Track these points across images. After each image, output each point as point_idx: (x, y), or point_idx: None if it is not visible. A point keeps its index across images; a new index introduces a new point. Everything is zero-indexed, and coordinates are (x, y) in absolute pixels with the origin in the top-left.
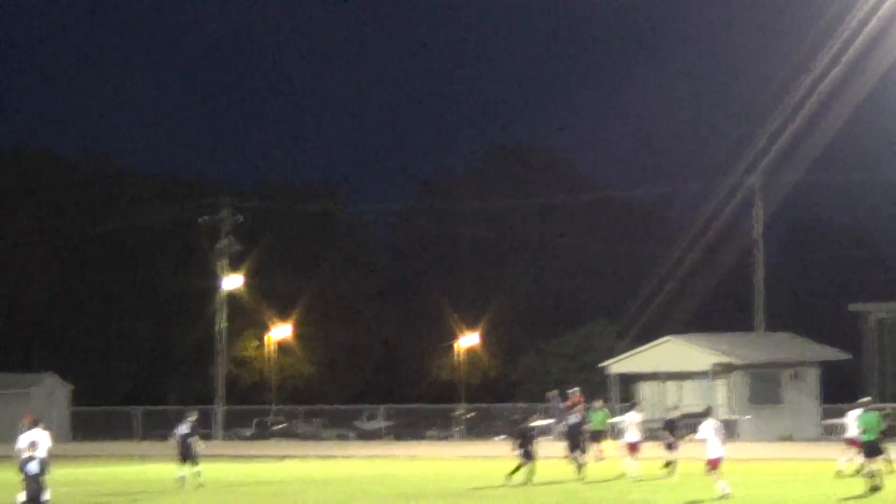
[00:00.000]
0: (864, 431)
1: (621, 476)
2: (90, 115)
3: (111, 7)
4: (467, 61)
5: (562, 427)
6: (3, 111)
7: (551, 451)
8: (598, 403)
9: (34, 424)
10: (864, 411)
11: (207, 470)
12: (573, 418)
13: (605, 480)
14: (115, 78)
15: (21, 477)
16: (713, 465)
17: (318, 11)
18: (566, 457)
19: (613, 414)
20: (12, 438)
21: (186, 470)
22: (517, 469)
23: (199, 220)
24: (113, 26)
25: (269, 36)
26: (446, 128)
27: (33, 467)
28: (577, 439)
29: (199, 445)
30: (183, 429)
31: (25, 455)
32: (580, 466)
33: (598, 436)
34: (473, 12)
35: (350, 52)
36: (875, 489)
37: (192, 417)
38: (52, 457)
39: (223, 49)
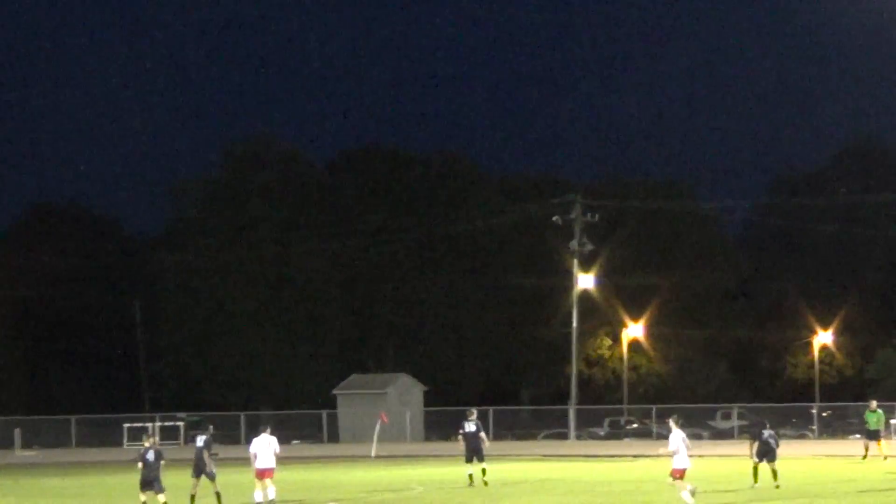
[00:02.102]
0: None
1: None
2: (440, 116)
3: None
4: (828, 59)
5: None
6: (356, 113)
7: None
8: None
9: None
10: None
11: (559, 469)
12: None
13: None
14: (473, 79)
15: None
16: None
17: None
18: None
19: None
20: (366, 437)
21: (473, 468)
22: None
23: (553, 219)
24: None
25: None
26: (797, 126)
27: None
28: None
29: (486, 444)
30: (469, 426)
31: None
32: None
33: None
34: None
35: (709, 53)
36: None
37: (473, 416)
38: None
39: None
